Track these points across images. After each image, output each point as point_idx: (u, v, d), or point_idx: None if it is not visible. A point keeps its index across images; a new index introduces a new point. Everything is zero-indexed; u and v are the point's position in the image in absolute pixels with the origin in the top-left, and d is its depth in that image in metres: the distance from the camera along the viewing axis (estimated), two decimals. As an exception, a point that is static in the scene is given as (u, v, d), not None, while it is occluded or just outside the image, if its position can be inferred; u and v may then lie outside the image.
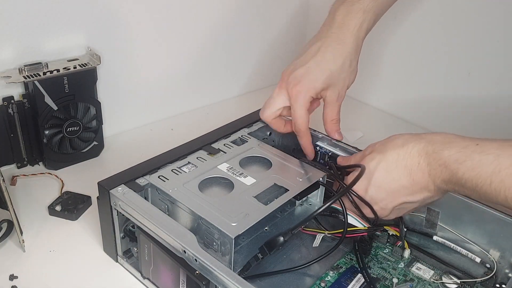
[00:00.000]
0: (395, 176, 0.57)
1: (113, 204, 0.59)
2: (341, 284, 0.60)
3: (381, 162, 0.58)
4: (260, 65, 1.15)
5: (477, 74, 0.92)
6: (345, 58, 0.69)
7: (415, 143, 0.56)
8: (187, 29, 0.96)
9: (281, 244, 0.57)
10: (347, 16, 0.69)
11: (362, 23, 0.69)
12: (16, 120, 0.76)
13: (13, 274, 0.61)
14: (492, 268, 0.60)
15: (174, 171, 0.64)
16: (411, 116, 1.03)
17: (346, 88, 0.71)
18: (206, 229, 0.57)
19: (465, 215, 0.61)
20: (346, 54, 0.69)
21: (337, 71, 0.68)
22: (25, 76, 0.74)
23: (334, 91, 0.69)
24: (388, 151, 0.58)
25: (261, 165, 0.68)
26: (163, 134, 0.95)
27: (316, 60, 0.68)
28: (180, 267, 0.53)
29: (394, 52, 1.03)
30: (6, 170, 0.79)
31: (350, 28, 0.69)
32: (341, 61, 0.68)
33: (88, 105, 0.82)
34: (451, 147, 0.53)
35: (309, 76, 0.68)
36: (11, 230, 0.67)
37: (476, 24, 0.89)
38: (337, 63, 0.68)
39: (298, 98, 0.68)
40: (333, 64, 0.68)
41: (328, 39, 0.69)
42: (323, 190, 0.66)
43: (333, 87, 0.69)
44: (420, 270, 0.63)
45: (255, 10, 1.07)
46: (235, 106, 1.07)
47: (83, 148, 0.84)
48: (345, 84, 0.70)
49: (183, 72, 1.00)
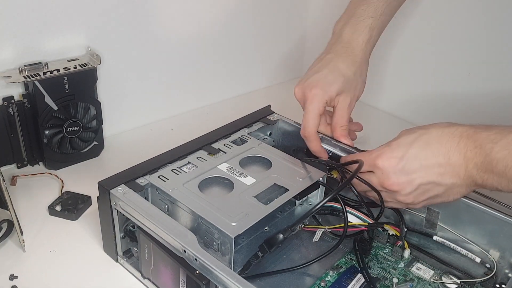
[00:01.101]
0: (434, 150, 0.57)
1: (113, 204, 0.59)
2: (341, 284, 0.60)
3: (424, 135, 0.58)
4: (260, 65, 1.15)
5: (477, 74, 0.92)
6: (357, 67, 0.73)
7: (459, 125, 0.57)
8: (187, 29, 0.96)
9: (281, 242, 0.57)
10: (355, 34, 0.74)
11: (369, 39, 0.74)
12: (16, 120, 0.76)
13: (13, 274, 0.61)
14: (492, 268, 0.60)
15: (174, 171, 0.64)
16: (411, 116, 1.03)
17: (357, 97, 0.74)
18: (206, 229, 0.57)
19: (465, 215, 0.61)
20: (358, 65, 0.73)
21: (350, 78, 0.72)
22: (25, 76, 0.74)
23: (347, 98, 0.72)
24: (432, 127, 0.59)
25: (261, 165, 0.68)
26: (163, 134, 0.95)
27: (330, 68, 0.72)
28: (180, 266, 0.53)
29: (393, 52, 1.03)
30: (6, 170, 0.79)
31: (358, 43, 0.73)
32: (353, 69, 0.72)
33: (88, 105, 0.82)
34: (491, 129, 0.54)
35: (325, 80, 0.71)
36: (11, 230, 0.67)
37: (476, 24, 0.89)
38: (350, 70, 0.72)
39: (314, 100, 0.70)
40: (347, 71, 0.72)
41: (338, 52, 0.73)
42: (323, 190, 0.66)
43: (346, 93, 0.71)
44: (420, 270, 0.63)
45: (255, 10, 1.07)
46: (235, 106, 1.07)
47: (83, 148, 0.84)
48: (356, 93, 0.73)
49: (183, 72, 1.00)
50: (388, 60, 1.04)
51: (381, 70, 1.06)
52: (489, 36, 0.88)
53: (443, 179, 0.57)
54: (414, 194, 0.59)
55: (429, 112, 1.00)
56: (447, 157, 0.56)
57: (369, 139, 0.86)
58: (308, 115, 0.70)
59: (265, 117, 0.78)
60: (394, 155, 0.59)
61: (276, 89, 1.18)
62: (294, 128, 0.77)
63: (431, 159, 0.57)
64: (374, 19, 0.74)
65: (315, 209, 0.57)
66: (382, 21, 0.75)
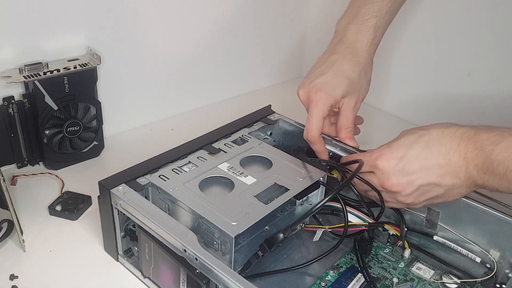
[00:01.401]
0: (434, 151, 0.57)
1: (114, 203, 0.59)
2: (341, 284, 0.60)
3: (424, 136, 0.58)
4: (260, 65, 1.16)
5: (477, 74, 0.92)
6: (361, 69, 0.72)
7: (459, 126, 0.57)
8: (187, 29, 0.97)
9: (281, 241, 0.57)
10: (359, 34, 0.73)
11: (373, 39, 0.73)
12: (16, 120, 0.76)
13: (13, 274, 0.61)
14: (492, 268, 0.60)
15: (174, 171, 0.64)
16: (412, 117, 1.03)
17: (362, 98, 0.74)
18: (206, 228, 0.57)
19: (465, 215, 0.61)
20: (362, 66, 0.72)
21: (355, 80, 0.71)
22: (25, 76, 0.74)
23: (352, 99, 0.71)
24: (432, 128, 0.59)
25: (261, 164, 0.68)
26: (163, 134, 0.95)
27: (334, 70, 0.71)
28: (181, 266, 0.53)
29: (393, 52, 1.03)
30: (6, 170, 0.79)
31: (363, 44, 0.72)
32: (358, 71, 0.71)
33: (88, 105, 0.82)
34: (492, 130, 0.54)
35: (330, 83, 0.70)
36: (11, 230, 0.67)
37: (476, 24, 0.90)
38: (355, 72, 0.71)
39: (318, 103, 0.69)
40: (352, 73, 0.71)
41: (343, 53, 0.72)
42: (324, 190, 0.66)
43: (351, 95, 0.71)
44: (420, 270, 0.63)
45: (256, 10, 1.07)
46: (235, 106, 1.07)
47: (83, 148, 0.84)
48: (361, 94, 0.73)
49: (183, 72, 1.00)
50: (389, 61, 1.04)
51: (382, 71, 1.06)
52: (489, 36, 0.88)
53: (444, 180, 0.57)
54: (415, 195, 0.59)
55: (430, 112, 1.00)
56: (447, 158, 0.56)
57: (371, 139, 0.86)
58: (312, 118, 0.69)
59: (266, 117, 0.78)
60: (394, 156, 0.59)
61: (277, 89, 1.18)
62: (294, 128, 0.77)
63: (431, 159, 0.57)
64: (378, 19, 0.73)
65: (315, 209, 0.57)
66: (387, 20, 0.75)
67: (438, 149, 0.57)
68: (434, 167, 0.57)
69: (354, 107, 0.72)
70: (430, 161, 0.57)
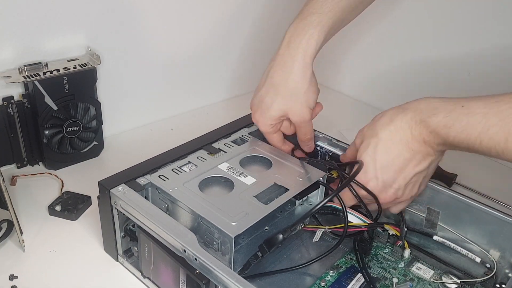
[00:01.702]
0: (395, 152, 0.58)
1: (114, 204, 0.59)
2: (341, 284, 0.60)
3: (378, 145, 0.59)
4: (260, 65, 1.15)
5: (477, 74, 0.92)
6: (300, 77, 0.66)
7: (402, 115, 0.57)
8: (187, 29, 0.96)
9: (281, 242, 0.57)
10: (294, 34, 0.67)
11: (309, 39, 0.65)
12: (16, 120, 0.76)
13: (13, 274, 0.61)
14: (492, 268, 0.60)
15: (174, 171, 0.64)
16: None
17: (308, 107, 0.67)
18: (206, 228, 0.57)
19: (465, 215, 0.61)
20: (294, 76, 0.66)
21: (288, 95, 0.66)
22: (25, 76, 0.74)
23: (295, 114, 0.67)
24: (379, 132, 0.59)
25: (261, 164, 0.68)
26: (163, 134, 0.95)
27: (266, 88, 0.68)
28: (180, 266, 0.53)
29: (393, 52, 1.03)
30: (6, 170, 0.79)
31: (296, 46, 0.66)
32: (292, 84, 0.66)
33: (88, 105, 0.82)
34: (438, 113, 0.54)
35: (264, 103, 0.68)
36: (11, 230, 0.67)
37: (476, 23, 0.89)
38: (287, 87, 0.66)
39: (259, 124, 0.70)
40: (283, 89, 0.66)
41: (276, 62, 0.67)
42: (323, 190, 0.66)
43: (292, 111, 0.67)
44: (420, 270, 0.63)
45: (256, 10, 1.07)
46: (235, 106, 1.07)
47: (83, 148, 0.84)
48: (303, 105, 0.66)
49: (183, 72, 1.00)
50: (390, 60, 1.04)
51: (382, 70, 1.06)
52: (489, 35, 0.88)
53: (420, 165, 0.58)
54: (407, 192, 0.60)
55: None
56: (410, 150, 0.57)
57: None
58: (265, 135, 0.71)
59: (265, 117, 0.78)
60: (369, 177, 0.59)
61: (276, 89, 1.18)
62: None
63: (398, 160, 0.58)
64: (319, 15, 0.66)
65: (315, 209, 0.57)
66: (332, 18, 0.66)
67: (397, 149, 0.58)
68: (405, 163, 0.58)
69: (302, 121, 0.67)
70: (398, 162, 0.58)
